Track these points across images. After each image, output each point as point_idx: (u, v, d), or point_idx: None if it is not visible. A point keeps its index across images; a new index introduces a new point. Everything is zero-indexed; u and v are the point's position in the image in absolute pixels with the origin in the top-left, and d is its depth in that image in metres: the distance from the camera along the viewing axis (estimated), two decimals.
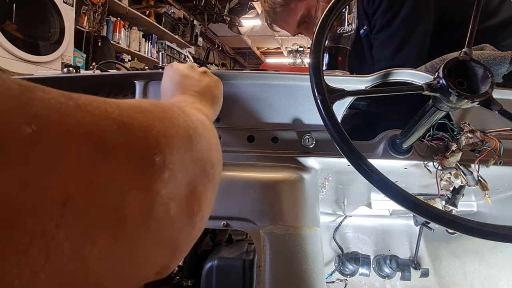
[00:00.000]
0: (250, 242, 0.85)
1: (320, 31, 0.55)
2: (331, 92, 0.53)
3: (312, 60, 0.55)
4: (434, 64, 0.78)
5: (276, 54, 8.78)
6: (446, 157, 0.68)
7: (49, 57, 2.58)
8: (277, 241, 0.63)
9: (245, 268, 0.71)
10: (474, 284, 1.29)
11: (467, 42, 0.53)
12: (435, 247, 1.40)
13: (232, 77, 0.73)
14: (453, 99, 0.48)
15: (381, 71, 0.71)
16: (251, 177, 0.68)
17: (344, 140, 0.49)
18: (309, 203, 0.69)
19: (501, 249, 1.24)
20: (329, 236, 1.46)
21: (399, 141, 0.68)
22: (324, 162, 0.73)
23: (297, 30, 1.26)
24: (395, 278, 1.37)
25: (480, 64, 0.50)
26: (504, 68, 0.72)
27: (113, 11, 3.90)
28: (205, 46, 6.52)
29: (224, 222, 0.64)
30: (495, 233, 0.44)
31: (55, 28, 2.64)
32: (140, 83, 0.76)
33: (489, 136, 0.66)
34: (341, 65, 0.82)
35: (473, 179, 0.68)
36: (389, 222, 1.47)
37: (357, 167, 0.49)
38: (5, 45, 2.25)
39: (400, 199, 0.46)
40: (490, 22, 1.04)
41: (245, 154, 0.73)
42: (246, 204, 0.66)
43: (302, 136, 0.73)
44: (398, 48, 1.01)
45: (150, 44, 4.69)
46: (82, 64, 3.10)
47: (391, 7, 0.99)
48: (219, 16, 5.25)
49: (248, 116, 0.74)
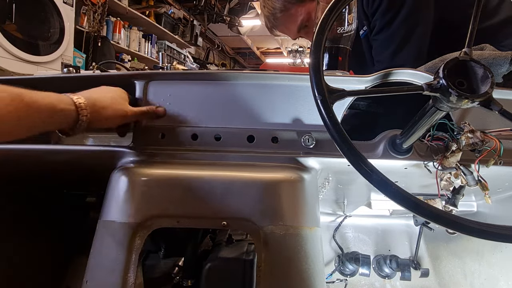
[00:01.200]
0: (250, 242, 0.85)
1: (320, 31, 0.55)
2: (331, 92, 0.53)
3: (312, 60, 0.55)
4: (434, 64, 0.78)
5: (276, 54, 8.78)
6: (446, 157, 0.68)
7: (49, 57, 2.58)
8: (277, 241, 0.63)
9: (245, 268, 0.71)
10: (474, 284, 1.29)
11: (467, 42, 0.53)
12: (435, 247, 1.40)
13: (232, 77, 0.73)
14: (453, 99, 0.48)
15: (381, 71, 0.71)
16: (251, 177, 0.68)
17: (344, 140, 0.49)
18: (309, 203, 0.69)
19: (501, 249, 1.24)
20: (329, 236, 1.46)
21: (399, 141, 0.68)
22: (324, 162, 0.73)
23: (298, 35, 1.26)
24: (395, 278, 1.37)
25: (480, 64, 0.50)
26: (504, 68, 0.72)
27: (113, 11, 3.90)
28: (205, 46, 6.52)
29: (224, 222, 0.64)
30: (495, 233, 0.44)
31: (55, 28, 2.64)
32: (140, 83, 0.76)
33: (489, 136, 0.66)
34: (341, 65, 0.82)
35: (473, 179, 0.68)
36: (389, 222, 1.47)
37: (357, 167, 0.49)
38: (5, 45, 2.25)
39: (400, 199, 0.46)
40: (489, 22, 1.04)
41: (245, 154, 0.73)
42: (246, 204, 0.66)
43: (302, 136, 0.73)
44: (397, 48, 1.01)
45: (150, 44, 4.68)
46: (82, 64, 3.10)
47: (391, 8, 0.99)
48: (219, 16, 5.25)
49: (248, 116, 0.74)
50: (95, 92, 0.66)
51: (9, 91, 0.50)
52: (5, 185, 0.99)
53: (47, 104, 0.55)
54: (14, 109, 0.50)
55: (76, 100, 0.60)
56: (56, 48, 2.64)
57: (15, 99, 0.50)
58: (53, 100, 0.56)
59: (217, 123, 0.74)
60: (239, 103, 0.74)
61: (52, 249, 1.18)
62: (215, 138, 0.74)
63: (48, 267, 1.17)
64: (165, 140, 0.75)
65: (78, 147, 0.77)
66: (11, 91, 0.50)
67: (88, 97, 0.62)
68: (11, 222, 1.04)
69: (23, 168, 0.90)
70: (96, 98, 0.64)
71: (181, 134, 0.74)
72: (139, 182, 0.67)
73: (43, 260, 1.15)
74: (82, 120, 0.60)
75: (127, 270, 0.63)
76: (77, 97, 0.61)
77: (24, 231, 1.09)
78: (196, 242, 0.86)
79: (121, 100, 0.68)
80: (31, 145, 0.75)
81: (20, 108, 0.51)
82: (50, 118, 0.56)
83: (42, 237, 1.14)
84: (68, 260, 1.22)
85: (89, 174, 0.94)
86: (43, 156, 0.79)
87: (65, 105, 0.58)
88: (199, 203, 0.66)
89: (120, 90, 0.71)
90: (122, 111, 0.67)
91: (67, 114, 0.58)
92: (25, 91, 0.52)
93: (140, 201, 0.66)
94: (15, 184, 1.03)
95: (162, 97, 0.75)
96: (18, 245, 1.06)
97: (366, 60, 1.16)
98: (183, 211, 0.65)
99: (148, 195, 0.67)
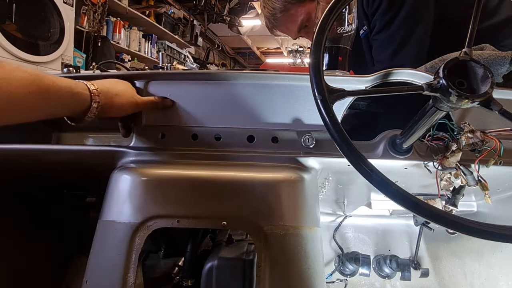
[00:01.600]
0: (250, 242, 0.85)
1: (320, 31, 0.55)
2: (331, 92, 0.53)
3: (312, 60, 0.54)
4: (434, 64, 0.78)
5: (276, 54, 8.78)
6: (446, 157, 0.68)
7: (49, 57, 2.58)
8: (277, 241, 0.63)
9: (245, 268, 0.71)
10: (474, 284, 1.29)
11: (467, 42, 0.53)
12: (435, 247, 1.40)
13: (232, 77, 0.73)
14: (453, 99, 0.48)
15: (381, 71, 0.71)
16: (251, 177, 0.68)
17: (344, 140, 0.49)
18: (309, 203, 0.69)
19: (501, 249, 1.24)
20: (329, 236, 1.46)
21: (399, 141, 0.68)
22: (324, 162, 0.73)
23: (298, 35, 1.26)
24: (395, 278, 1.37)
25: (480, 64, 0.50)
26: (504, 68, 0.72)
27: (113, 11, 3.90)
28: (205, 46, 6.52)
29: (224, 222, 0.64)
30: (495, 233, 0.44)
31: (55, 28, 2.64)
32: (140, 83, 0.76)
33: (489, 136, 0.66)
34: (341, 65, 0.82)
35: (473, 179, 0.68)
36: (389, 222, 1.47)
37: (357, 167, 0.49)
38: (5, 45, 2.25)
39: (400, 199, 0.46)
40: (489, 22, 1.04)
41: (245, 154, 0.73)
42: (246, 204, 0.66)
43: (302, 136, 0.73)
44: (397, 49, 1.01)
45: (150, 44, 4.68)
46: (82, 64, 3.10)
47: (391, 8, 0.99)
48: (219, 16, 5.25)
49: (248, 116, 0.74)
50: (107, 82, 0.68)
51: (29, 72, 0.51)
52: (5, 185, 0.99)
53: (66, 86, 0.56)
54: (36, 89, 0.51)
55: (90, 86, 0.62)
56: (56, 48, 2.63)
57: (35, 80, 0.51)
58: (71, 84, 0.58)
59: (217, 123, 0.74)
60: (239, 103, 0.74)
61: (52, 249, 1.18)
62: (215, 138, 0.74)
63: (48, 267, 1.17)
64: (165, 140, 0.75)
65: (78, 147, 0.77)
66: (31, 72, 0.51)
67: (101, 84, 0.64)
68: (11, 222, 1.04)
69: (23, 168, 0.90)
70: (108, 86, 0.66)
71: (181, 134, 0.74)
72: (139, 182, 0.67)
73: (43, 260, 1.15)
74: (94, 106, 0.61)
75: (127, 270, 0.63)
76: (91, 83, 0.62)
77: (24, 231, 1.09)
78: (196, 242, 0.86)
79: (131, 90, 0.71)
80: (31, 145, 0.75)
81: (41, 88, 0.52)
82: (68, 101, 0.57)
83: (42, 237, 1.14)
84: (68, 260, 1.22)
85: (89, 174, 0.94)
86: (43, 156, 0.79)
87: (81, 89, 0.59)
88: (199, 203, 0.66)
89: (128, 83, 0.73)
90: (133, 99, 0.70)
91: (82, 99, 0.59)
92: (43, 73, 0.53)
93: (140, 201, 0.66)
94: (15, 184, 1.03)
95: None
96: (18, 245, 1.06)
97: (366, 60, 1.15)
98: (183, 211, 0.65)
99: (148, 195, 0.67)
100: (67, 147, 0.79)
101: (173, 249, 0.95)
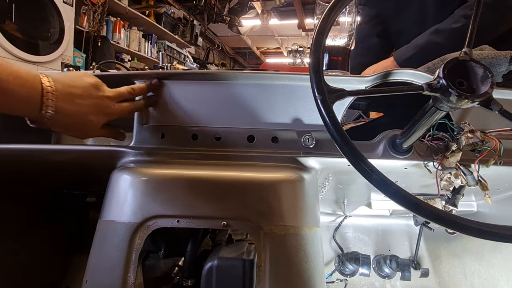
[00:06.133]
0: (250, 242, 0.85)
1: (320, 31, 0.55)
2: (331, 92, 0.53)
3: (312, 60, 0.54)
4: (434, 64, 0.78)
5: (276, 54, 8.78)
6: (446, 157, 0.68)
7: (49, 57, 2.58)
8: (277, 241, 0.63)
9: (245, 268, 0.71)
10: (474, 284, 1.29)
11: (467, 42, 0.53)
12: (435, 247, 1.40)
13: (232, 77, 0.73)
14: (453, 99, 0.48)
15: (381, 71, 0.70)
16: (251, 177, 0.68)
17: (344, 140, 0.49)
18: (309, 203, 0.69)
19: (501, 249, 1.24)
20: (329, 236, 1.46)
21: (399, 141, 0.68)
22: (324, 162, 0.73)
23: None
24: (395, 278, 1.37)
25: (480, 64, 0.50)
26: (503, 68, 0.72)
27: (113, 11, 3.90)
28: (205, 46, 6.52)
29: (224, 222, 0.64)
30: (495, 233, 0.44)
31: (55, 28, 2.64)
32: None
33: (489, 136, 0.66)
34: (341, 65, 0.82)
35: (473, 179, 0.68)
36: (389, 222, 1.47)
37: (357, 167, 0.49)
38: (5, 45, 2.25)
39: (400, 199, 0.46)
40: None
41: (245, 154, 0.73)
42: (246, 204, 0.66)
43: (302, 136, 0.73)
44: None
45: (150, 44, 4.68)
46: (82, 64, 3.10)
47: None
48: (219, 16, 5.25)
49: (248, 116, 0.74)
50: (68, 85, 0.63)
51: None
52: (5, 185, 0.99)
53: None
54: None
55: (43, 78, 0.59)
56: (56, 48, 2.64)
57: None
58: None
59: (217, 123, 0.74)
60: (239, 103, 0.74)
61: (52, 249, 1.18)
62: (215, 138, 0.74)
63: (48, 267, 1.17)
64: (165, 140, 0.75)
65: (78, 147, 0.77)
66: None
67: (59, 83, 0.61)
68: (11, 222, 1.04)
69: (23, 168, 0.90)
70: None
71: (181, 134, 0.74)
72: (139, 182, 0.67)
73: (43, 260, 1.15)
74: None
75: (127, 270, 0.63)
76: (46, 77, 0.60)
77: (24, 231, 1.08)
78: (196, 242, 0.86)
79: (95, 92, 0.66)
80: (31, 145, 0.75)
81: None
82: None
83: (42, 237, 1.14)
84: (68, 260, 1.22)
85: (89, 174, 0.94)
86: (43, 156, 0.79)
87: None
88: (199, 203, 0.66)
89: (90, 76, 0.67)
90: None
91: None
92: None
93: (140, 201, 0.66)
94: (15, 184, 1.03)
95: (162, 96, 0.75)
96: (18, 245, 1.06)
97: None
98: (183, 211, 0.65)
99: (148, 195, 0.67)
100: (67, 147, 0.79)
101: (173, 249, 0.95)
